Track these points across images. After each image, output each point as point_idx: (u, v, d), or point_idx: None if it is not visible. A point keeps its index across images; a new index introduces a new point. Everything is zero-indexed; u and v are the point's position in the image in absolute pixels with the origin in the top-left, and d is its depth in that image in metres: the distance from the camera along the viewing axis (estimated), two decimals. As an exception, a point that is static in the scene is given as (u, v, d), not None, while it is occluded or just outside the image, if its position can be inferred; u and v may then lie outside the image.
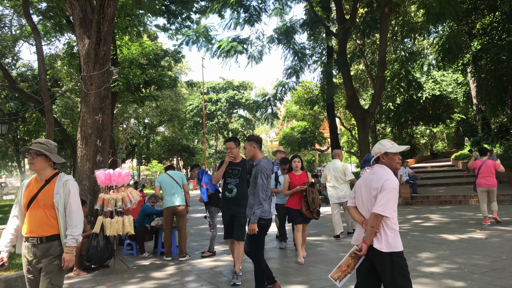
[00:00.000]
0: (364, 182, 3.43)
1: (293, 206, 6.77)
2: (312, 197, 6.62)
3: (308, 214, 6.65)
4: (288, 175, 6.92)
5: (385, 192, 3.17)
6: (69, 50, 18.87)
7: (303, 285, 5.32)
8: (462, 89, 31.25)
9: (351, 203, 3.54)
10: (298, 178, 6.86)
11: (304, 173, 6.98)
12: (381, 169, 3.36)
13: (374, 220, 3.18)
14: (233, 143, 5.53)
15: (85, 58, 8.65)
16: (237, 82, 54.80)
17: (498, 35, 21.66)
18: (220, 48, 17.70)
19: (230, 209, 5.56)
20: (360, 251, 3.27)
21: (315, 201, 6.67)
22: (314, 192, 6.71)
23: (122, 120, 34.49)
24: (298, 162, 6.97)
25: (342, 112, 32.54)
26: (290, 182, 6.83)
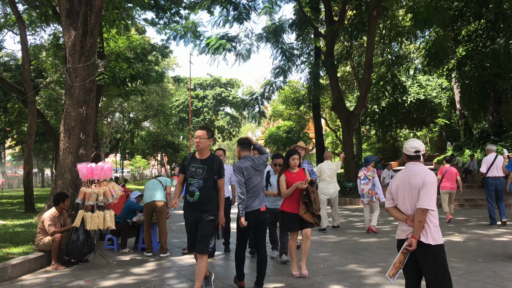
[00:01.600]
0: (402, 180, 3.55)
1: (289, 210, 5.61)
2: (313, 197, 5.52)
3: (309, 218, 5.52)
4: (284, 173, 5.75)
5: (427, 187, 3.35)
6: (55, 41, 18.61)
7: (282, 283, 5.35)
8: (446, 94, 31.72)
9: (390, 204, 3.68)
10: (295, 177, 5.72)
11: (301, 170, 5.90)
12: (417, 166, 3.55)
13: (421, 215, 3.33)
14: (205, 133, 4.71)
15: (70, 50, 8.55)
16: (225, 80, 54.66)
17: (482, 42, 22.03)
18: (209, 45, 17.67)
19: (193, 215, 4.66)
20: (411, 247, 3.37)
21: (317, 202, 5.58)
22: (315, 192, 5.64)
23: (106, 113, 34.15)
24: (297, 159, 5.79)
25: (328, 113, 32.72)
26: (287, 181, 5.66)
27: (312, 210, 5.50)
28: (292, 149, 5.94)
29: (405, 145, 3.71)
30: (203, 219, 4.59)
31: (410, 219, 3.43)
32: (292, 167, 5.77)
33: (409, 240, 3.39)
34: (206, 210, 4.61)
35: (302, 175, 5.78)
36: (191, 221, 4.66)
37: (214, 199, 4.68)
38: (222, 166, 4.73)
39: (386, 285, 5.14)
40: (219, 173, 4.71)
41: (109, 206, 6.91)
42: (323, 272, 5.85)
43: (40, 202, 15.29)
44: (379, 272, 5.81)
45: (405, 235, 3.48)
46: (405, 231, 3.49)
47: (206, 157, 4.74)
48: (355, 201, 16.22)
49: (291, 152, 5.80)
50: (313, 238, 8.80)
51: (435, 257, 3.34)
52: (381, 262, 6.42)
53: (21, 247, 6.83)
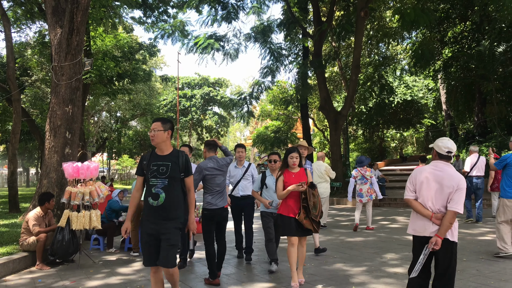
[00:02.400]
0: (431, 177, 3.63)
1: (286, 213, 5.06)
2: (313, 201, 4.95)
3: (308, 224, 4.96)
4: (283, 173, 5.21)
5: (461, 191, 3.51)
6: (41, 39, 18.38)
7: (269, 283, 5.35)
8: (432, 95, 32.08)
9: (411, 196, 3.75)
10: (294, 177, 5.13)
11: (302, 171, 5.26)
12: (449, 167, 3.64)
13: (452, 217, 3.51)
14: (160, 124, 3.99)
15: (56, 48, 8.46)
16: (213, 79, 54.52)
17: (468, 44, 22.33)
18: (197, 45, 17.62)
19: (154, 223, 3.87)
20: (437, 246, 3.53)
21: (317, 207, 4.99)
22: (316, 196, 5.04)
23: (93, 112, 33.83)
24: (297, 158, 5.19)
25: (316, 113, 32.86)
26: (285, 182, 5.12)
27: (311, 216, 4.92)
28: (291, 147, 5.35)
29: (438, 143, 3.76)
30: (169, 227, 3.84)
31: (437, 217, 3.55)
32: (291, 167, 5.19)
33: (435, 239, 3.52)
34: (173, 217, 3.88)
35: (302, 176, 5.17)
36: (153, 230, 3.84)
37: (181, 203, 3.97)
38: (189, 162, 4.08)
39: (372, 284, 5.18)
40: (187, 170, 4.01)
41: (95, 205, 6.86)
42: (309, 271, 5.88)
43: (25, 201, 15.10)
44: (365, 271, 5.85)
45: (429, 233, 3.59)
46: (428, 229, 3.60)
47: (168, 152, 4.01)
48: (342, 201, 16.32)
49: (290, 150, 5.24)
50: (300, 238, 8.84)
51: (453, 253, 3.61)
52: (367, 261, 6.47)
53: (5, 247, 6.74)
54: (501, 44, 18.94)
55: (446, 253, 3.57)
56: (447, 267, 3.57)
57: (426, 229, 3.60)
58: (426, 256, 3.57)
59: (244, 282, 5.44)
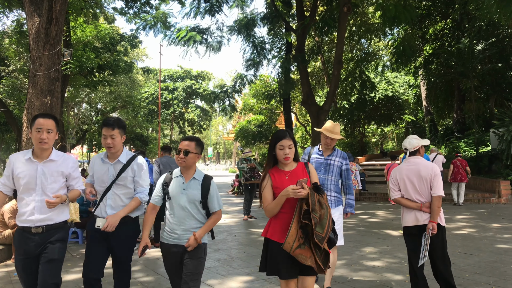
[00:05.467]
0: (409, 173, 4.04)
1: (277, 238, 3.04)
2: (320, 213, 2.91)
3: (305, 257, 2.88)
4: (269, 173, 3.18)
5: (437, 177, 3.92)
6: (18, 28, 17.92)
7: (249, 276, 5.38)
8: (413, 91, 32.51)
9: (397, 195, 4.13)
10: (289, 179, 3.11)
11: (301, 166, 3.22)
12: (420, 160, 4.07)
13: (438, 201, 3.88)
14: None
15: (34, 38, 8.26)
16: (195, 72, 54.14)
17: (448, 41, 22.67)
18: (179, 37, 17.45)
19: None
20: (434, 230, 3.86)
21: (324, 223, 2.93)
22: (324, 205, 2.97)
23: (73, 104, 33.29)
24: (290, 148, 3.11)
25: (298, 108, 32.97)
26: (274, 188, 3.11)
27: (315, 240, 2.84)
28: (280, 131, 3.22)
29: (404, 142, 4.24)
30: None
31: (426, 205, 3.92)
32: (282, 163, 3.15)
33: (430, 224, 3.86)
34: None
35: (299, 174, 3.16)
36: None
37: None
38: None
39: (351, 277, 5.24)
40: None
41: (73, 198, 6.76)
42: (289, 265, 5.91)
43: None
44: (344, 264, 5.92)
45: (423, 221, 3.93)
46: (421, 218, 3.94)
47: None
48: (323, 195, 16.45)
49: (279, 136, 3.14)
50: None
51: (443, 236, 3.97)
52: (346, 254, 6.54)
53: (-20, 240, 6.60)
54: (480, 42, 19.29)
55: (438, 236, 3.92)
56: (442, 249, 3.92)
57: (419, 219, 3.95)
58: (427, 242, 3.87)
59: (224, 275, 5.45)
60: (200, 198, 3.30)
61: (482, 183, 15.00)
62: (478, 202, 13.73)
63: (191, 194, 3.29)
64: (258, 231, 9.01)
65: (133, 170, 3.65)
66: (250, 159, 11.21)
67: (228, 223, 10.31)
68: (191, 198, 3.29)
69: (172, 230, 3.32)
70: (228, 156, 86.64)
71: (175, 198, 3.32)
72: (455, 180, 12.99)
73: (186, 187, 3.32)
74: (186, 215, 3.29)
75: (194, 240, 3.22)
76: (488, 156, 17.06)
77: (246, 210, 10.85)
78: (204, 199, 3.31)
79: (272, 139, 3.20)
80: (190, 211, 3.29)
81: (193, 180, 3.35)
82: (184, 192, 3.30)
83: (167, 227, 3.38)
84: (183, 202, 3.29)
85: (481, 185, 15.08)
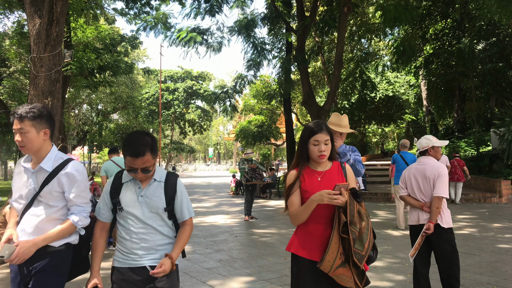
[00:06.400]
0: (416, 172, 4.07)
1: (306, 254, 2.51)
2: (359, 228, 2.37)
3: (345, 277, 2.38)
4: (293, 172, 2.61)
5: (441, 177, 3.88)
6: (19, 29, 17.95)
7: (250, 276, 5.39)
8: (413, 91, 32.51)
9: (404, 192, 4.19)
10: (321, 180, 2.55)
11: (336, 166, 2.64)
12: (430, 159, 4.07)
13: (438, 202, 3.85)
14: None
15: (35, 39, 8.28)
16: (196, 73, 54.17)
17: (448, 41, 22.66)
18: (179, 38, 17.46)
19: None
20: (429, 230, 3.87)
21: (365, 239, 2.40)
22: (364, 216, 2.43)
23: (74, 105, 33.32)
24: (327, 144, 2.53)
25: (298, 108, 32.98)
26: (303, 191, 2.55)
27: (354, 259, 2.33)
28: (316, 122, 2.61)
29: (417, 143, 4.28)
30: None
31: (427, 205, 3.93)
32: (315, 161, 2.57)
33: (427, 224, 3.88)
34: None
35: (334, 176, 2.58)
36: None
37: None
38: None
39: (351, 277, 5.24)
40: None
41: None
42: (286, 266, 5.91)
43: (3, 195, 14.82)
44: (345, 264, 5.92)
45: (423, 220, 3.96)
46: (422, 217, 3.98)
47: None
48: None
49: (316, 128, 2.54)
50: (281, 232, 8.89)
51: (446, 238, 3.91)
52: (347, 255, 6.54)
53: (-18, 241, 6.61)
54: (480, 42, 19.28)
55: (438, 237, 3.89)
56: (443, 251, 3.90)
57: (419, 218, 3.99)
58: (422, 240, 3.91)
59: (225, 276, 5.46)
60: (164, 205, 2.47)
61: (483, 183, 14.98)
62: (479, 201, 13.73)
63: (152, 201, 2.46)
64: (259, 231, 9.01)
65: (60, 183, 2.48)
66: (252, 159, 11.22)
67: (229, 223, 10.32)
68: (153, 207, 2.46)
69: (129, 250, 2.45)
70: (229, 156, 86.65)
71: (130, 209, 2.46)
72: (452, 180, 13.26)
73: (144, 193, 2.47)
74: (147, 230, 2.46)
75: (169, 263, 2.37)
76: (489, 155, 17.05)
77: (247, 211, 10.85)
78: (170, 205, 2.50)
79: (305, 132, 2.59)
80: (153, 224, 2.47)
81: (153, 183, 2.50)
82: (142, 200, 2.46)
83: (121, 246, 2.50)
84: (142, 213, 2.45)
85: (482, 184, 15.07)
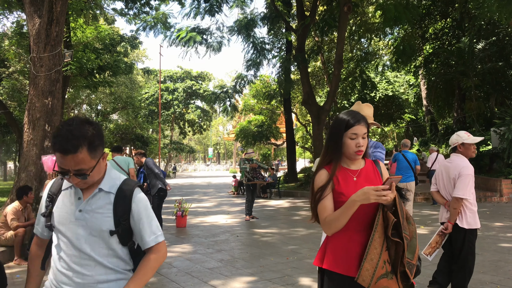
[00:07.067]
0: (443, 169, 4.08)
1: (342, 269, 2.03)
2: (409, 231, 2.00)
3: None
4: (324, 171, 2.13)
5: (462, 178, 3.82)
6: (18, 29, 17.91)
7: (252, 276, 5.37)
8: (413, 91, 32.49)
9: (434, 188, 4.22)
10: (357, 180, 2.12)
11: (371, 164, 2.22)
12: (458, 157, 3.99)
13: (455, 203, 3.82)
14: None
15: (35, 39, 8.26)
16: (195, 73, 54.13)
17: (448, 41, 22.66)
18: (179, 37, 17.45)
19: None
20: (446, 230, 3.91)
21: (415, 246, 2.00)
22: (411, 220, 2.04)
23: (73, 105, 33.27)
24: (365, 137, 2.10)
25: (298, 108, 32.94)
26: (336, 191, 2.08)
27: (405, 269, 1.95)
28: (351, 112, 2.16)
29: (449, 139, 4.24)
30: None
31: (448, 204, 3.97)
32: (351, 157, 2.15)
33: (446, 224, 3.92)
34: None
35: (373, 178, 2.17)
36: None
37: None
38: None
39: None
40: None
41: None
42: (292, 265, 5.90)
43: (2, 196, 14.79)
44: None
45: (444, 218, 4.02)
46: (443, 215, 4.04)
47: None
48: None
49: (349, 119, 2.12)
50: (282, 231, 8.87)
51: (465, 239, 3.85)
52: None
53: (-18, 242, 6.59)
54: (480, 41, 19.30)
55: (457, 237, 3.90)
56: (459, 251, 3.89)
57: (442, 216, 4.07)
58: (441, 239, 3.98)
59: (227, 276, 5.44)
60: (111, 227, 1.75)
61: (484, 182, 14.97)
62: (480, 201, 13.70)
63: (94, 220, 1.74)
64: (260, 231, 8.99)
65: None
66: (252, 159, 11.20)
67: (230, 223, 10.29)
68: (94, 228, 1.74)
69: (58, 284, 1.78)
70: (229, 156, 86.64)
71: (61, 228, 1.77)
72: None
73: (83, 206, 1.77)
74: (83, 260, 1.75)
75: None
76: (489, 155, 17.04)
77: (247, 211, 10.83)
78: (121, 227, 1.76)
79: (339, 123, 2.12)
80: (91, 253, 1.74)
81: (98, 194, 1.78)
82: (80, 216, 1.75)
83: (52, 276, 1.83)
84: (76, 236, 1.75)
85: (482, 184, 15.05)
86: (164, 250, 1.86)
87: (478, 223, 3.91)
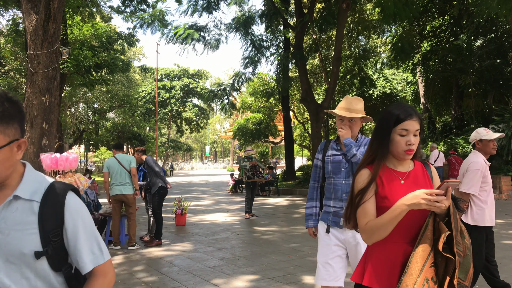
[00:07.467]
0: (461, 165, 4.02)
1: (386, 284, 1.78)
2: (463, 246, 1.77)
3: None
4: (366, 171, 1.89)
5: (469, 172, 3.75)
6: (14, 27, 17.79)
7: (255, 275, 5.31)
8: (411, 88, 32.48)
9: None
10: (405, 183, 1.86)
11: (420, 166, 1.97)
12: (473, 154, 3.92)
13: None
14: None
15: (32, 36, 8.16)
16: (193, 70, 54.01)
17: (446, 38, 22.64)
18: (177, 35, 17.34)
19: None
20: None
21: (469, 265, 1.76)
22: (464, 234, 1.81)
23: (70, 103, 33.11)
24: (416, 134, 1.85)
25: (296, 105, 32.88)
26: (380, 195, 1.85)
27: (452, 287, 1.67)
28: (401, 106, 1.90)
29: None
30: None
31: None
32: (400, 158, 1.89)
33: None
34: None
35: (422, 182, 1.91)
36: None
37: None
38: None
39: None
40: None
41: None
42: (294, 263, 5.85)
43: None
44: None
45: None
46: None
47: None
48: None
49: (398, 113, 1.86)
50: (283, 229, 8.82)
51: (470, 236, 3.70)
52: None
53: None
54: (478, 38, 19.26)
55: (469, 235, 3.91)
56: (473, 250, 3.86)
57: None
58: None
59: (229, 274, 5.38)
60: (38, 247, 1.30)
61: (483, 179, 15.00)
62: (479, 198, 13.76)
63: (10, 240, 1.28)
64: (260, 229, 8.93)
65: None
66: (252, 157, 11.15)
67: (229, 221, 10.23)
68: (11, 251, 1.28)
69: None
70: (226, 154, 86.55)
71: None
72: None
73: None
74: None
75: None
76: (488, 152, 17.07)
77: (247, 208, 10.78)
78: (53, 245, 1.33)
79: (387, 118, 1.88)
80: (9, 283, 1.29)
81: (14, 204, 1.31)
82: None
83: None
84: None
85: (481, 181, 15.09)
86: (111, 272, 1.44)
87: (486, 221, 3.70)
